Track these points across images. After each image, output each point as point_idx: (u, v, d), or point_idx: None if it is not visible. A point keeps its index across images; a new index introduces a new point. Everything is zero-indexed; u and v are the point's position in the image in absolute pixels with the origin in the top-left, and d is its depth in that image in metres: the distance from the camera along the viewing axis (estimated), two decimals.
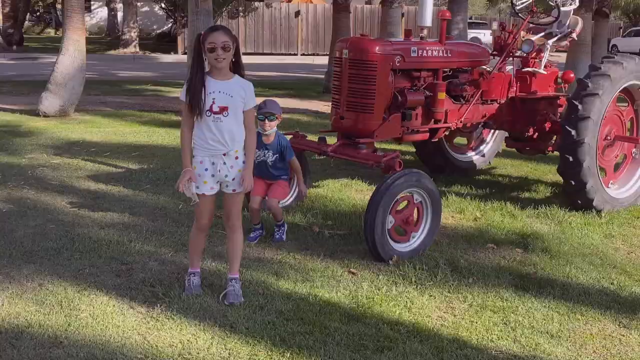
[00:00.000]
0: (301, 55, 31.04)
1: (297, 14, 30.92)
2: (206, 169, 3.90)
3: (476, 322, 3.87)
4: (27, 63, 22.12)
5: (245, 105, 3.90)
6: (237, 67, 3.95)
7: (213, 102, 3.81)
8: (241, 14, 27.36)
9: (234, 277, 4.08)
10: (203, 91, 3.81)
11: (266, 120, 4.93)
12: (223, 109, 3.82)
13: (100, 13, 39.57)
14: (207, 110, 3.82)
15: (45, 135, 9.20)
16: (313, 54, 30.98)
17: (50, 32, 40.98)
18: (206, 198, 3.98)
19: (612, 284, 4.50)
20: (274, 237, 5.10)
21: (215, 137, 3.84)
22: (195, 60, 3.87)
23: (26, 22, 35.94)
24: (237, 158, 3.92)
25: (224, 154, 3.88)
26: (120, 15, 33.64)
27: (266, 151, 5.04)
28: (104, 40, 33.59)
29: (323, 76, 16.33)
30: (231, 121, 3.85)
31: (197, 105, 3.81)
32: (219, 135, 3.84)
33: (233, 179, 3.93)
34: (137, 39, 29.81)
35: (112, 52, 28.76)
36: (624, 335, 3.78)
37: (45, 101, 10.74)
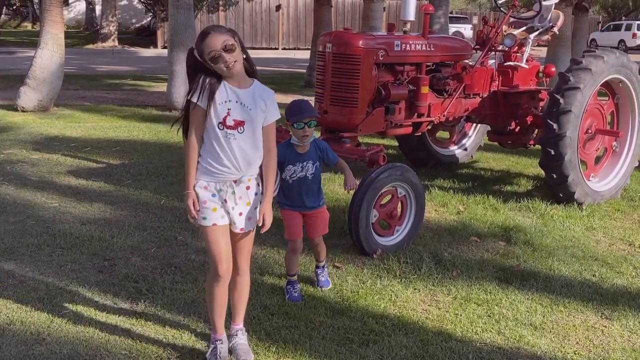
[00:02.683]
0: (282, 49, 30.97)
1: (278, 7, 30.85)
2: (213, 195, 3.10)
3: (460, 315, 3.88)
4: (4, 57, 21.81)
5: (265, 119, 3.12)
6: (247, 67, 3.13)
7: (227, 114, 3.01)
8: (221, 7, 27.20)
9: (239, 329, 3.38)
10: (217, 96, 3.02)
11: (306, 127, 3.85)
12: (239, 124, 3.03)
13: (78, 6, 39.17)
14: (219, 123, 3.01)
15: (24, 130, 9.08)
16: (294, 48, 30.94)
17: (27, 26, 40.45)
18: (219, 230, 3.12)
19: (594, 275, 4.55)
20: (319, 282, 4.20)
21: (227, 158, 3.03)
22: (197, 73, 3.03)
23: (2, 15, 35.45)
24: (248, 188, 3.13)
25: (235, 181, 3.09)
26: (98, 8, 33.37)
27: (304, 163, 3.95)
28: (82, 34, 33.25)
29: (305, 70, 16.31)
30: (247, 139, 3.06)
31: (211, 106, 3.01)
32: (231, 155, 3.03)
33: (240, 214, 3.14)
34: (116, 32, 29.58)
35: (90, 46, 28.50)
36: (606, 326, 3.82)
37: (23, 96, 10.60)
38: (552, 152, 5.82)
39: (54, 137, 8.66)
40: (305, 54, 20.26)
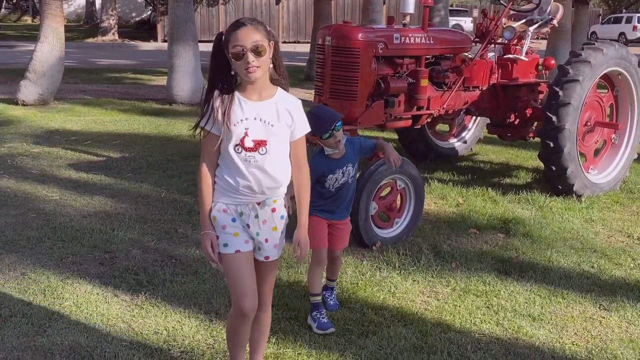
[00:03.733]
0: (282, 42, 30.88)
1: (278, 1, 30.72)
2: (233, 219, 2.69)
3: (459, 306, 3.91)
4: (4, 51, 21.79)
5: (292, 134, 2.70)
6: (275, 75, 2.71)
7: (245, 134, 2.59)
8: (221, 0, 27.16)
9: None
10: (229, 117, 2.59)
11: (334, 133, 3.50)
12: (259, 144, 2.60)
13: (78, 0, 39.10)
14: (235, 145, 2.60)
15: (25, 124, 9.09)
16: (294, 42, 30.88)
17: (27, 19, 40.38)
18: (242, 257, 2.70)
19: (592, 267, 4.56)
20: (328, 305, 3.79)
21: (247, 183, 2.63)
22: (219, 69, 2.64)
23: (2, 9, 35.42)
24: (274, 211, 2.72)
25: (258, 203, 2.69)
26: (98, 2, 33.31)
27: (344, 168, 3.63)
28: (82, 28, 33.20)
29: (305, 64, 16.30)
30: (272, 160, 2.63)
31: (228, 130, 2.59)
32: (253, 180, 2.62)
33: (266, 241, 2.74)
34: (116, 26, 29.52)
35: (90, 39, 28.46)
36: (604, 317, 3.84)
37: (24, 90, 10.61)
38: (551, 145, 5.83)
39: (54, 131, 8.67)
40: (306, 47, 20.23)
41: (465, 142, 7.80)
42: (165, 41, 20.08)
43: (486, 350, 3.42)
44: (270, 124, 2.62)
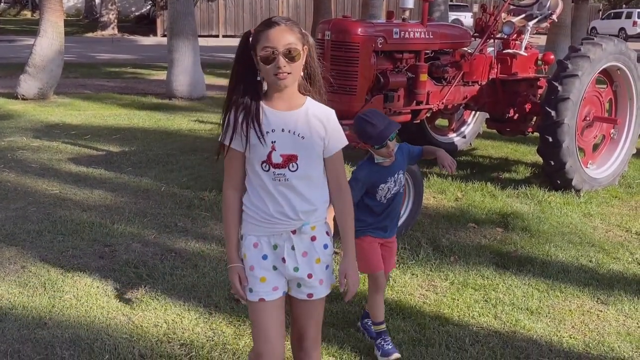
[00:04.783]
0: None
1: None
2: (264, 257, 2.36)
3: (458, 300, 3.92)
4: (4, 45, 21.78)
5: (326, 148, 2.36)
6: (309, 84, 2.39)
7: (272, 149, 2.28)
8: None
9: None
10: (257, 127, 2.28)
11: (388, 142, 3.14)
12: (289, 159, 2.29)
13: None
14: (262, 162, 2.30)
15: (25, 118, 9.10)
16: None
17: (27, 14, 40.33)
18: (267, 307, 2.39)
19: (590, 261, 4.58)
20: (384, 350, 3.26)
21: (278, 206, 2.31)
22: (242, 74, 2.33)
23: (1, 4, 35.36)
24: (314, 239, 2.37)
25: (293, 232, 2.34)
26: None
27: (396, 175, 3.27)
28: (81, 23, 33.19)
29: None
30: (304, 178, 2.31)
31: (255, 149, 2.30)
32: (284, 202, 2.31)
33: (309, 276, 2.39)
34: (116, 21, 29.53)
35: (90, 34, 28.45)
36: (601, 311, 3.86)
37: (23, 84, 10.62)
38: (550, 140, 5.84)
39: (54, 125, 8.68)
40: None
41: (464, 136, 7.81)
42: (164, 36, 20.08)
43: (484, 343, 3.44)
44: (301, 136, 2.30)
